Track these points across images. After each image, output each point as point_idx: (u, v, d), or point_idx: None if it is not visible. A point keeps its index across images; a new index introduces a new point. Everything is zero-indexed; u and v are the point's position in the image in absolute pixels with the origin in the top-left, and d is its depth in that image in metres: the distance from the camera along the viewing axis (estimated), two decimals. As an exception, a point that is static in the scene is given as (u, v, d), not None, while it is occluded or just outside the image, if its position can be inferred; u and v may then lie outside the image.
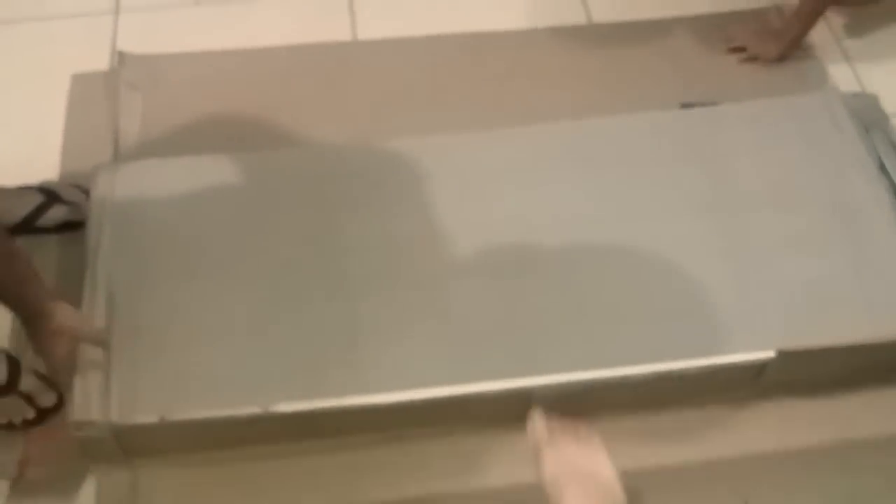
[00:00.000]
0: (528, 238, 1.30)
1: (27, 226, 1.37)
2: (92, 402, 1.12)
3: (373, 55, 1.66)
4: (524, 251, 1.29)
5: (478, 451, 1.21)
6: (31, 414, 1.20)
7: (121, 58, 1.63)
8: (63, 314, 1.12)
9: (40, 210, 1.38)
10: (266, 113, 1.55)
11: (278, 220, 1.31)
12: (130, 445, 1.16)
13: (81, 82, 1.61)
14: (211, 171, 1.37)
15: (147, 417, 1.13)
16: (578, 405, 1.20)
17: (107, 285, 1.23)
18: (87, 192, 1.37)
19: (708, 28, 1.70)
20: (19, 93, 1.59)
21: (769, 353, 1.18)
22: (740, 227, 1.31)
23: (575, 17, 1.74)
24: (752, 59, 1.64)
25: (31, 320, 1.11)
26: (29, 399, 1.19)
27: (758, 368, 1.20)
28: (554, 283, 1.26)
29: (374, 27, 1.71)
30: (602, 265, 1.27)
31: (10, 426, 1.20)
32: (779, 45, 1.62)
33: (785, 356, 1.18)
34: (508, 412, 1.20)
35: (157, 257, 1.27)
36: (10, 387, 1.18)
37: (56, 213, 1.39)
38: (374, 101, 1.58)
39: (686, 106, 1.53)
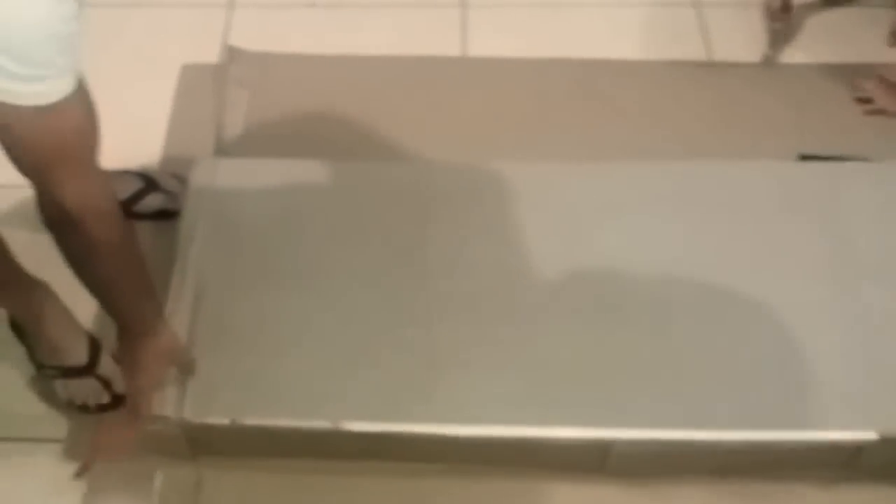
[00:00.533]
0: (623, 279, 1.24)
1: (124, 210, 1.37)
2: (167, 397, 1.12)
3: (481, 73, 1.63)
4: (618, 292, 1.23)
5: (544, 498, 1.16)
6: (106, 398, 1.21)
7: (231, 53, 1.65)
8: (168, 338, 1.08)
9: (138, 196, 1.40)
10: (368, 121, 1.54)
11: (370, 233, 1.30)
12: (199, 444, 1.16)
13: (190, 73, 1.63)
14: (308, 177, 1.36)
15: (219, 419, 1.12)
16: (659, 463, 1.15)
17: (195, 280, 1.23)
18: (184, 182, 1.38)
19: (832, 77, 1.61)
20: (129, 76, 1.61)
21: (870, 435, 1.10)
22: (853, 296, 1.22)
23: (695, 52, 1.68)
24: (879, 112, 1.56)
25: (130, 332, 1.05)
26: (106, 383, 1.20)
27: (855, 450, 1.12)
28: (646, 330, 1.20)
29: (485, 45, 1.69)
30: (700, 317, 1.21)
31: (84, 408, 1.21)
32: (907, 101, 1.53)
33: (888, 441, 1.10)
34: (582, 463, 1.15)
35: (247, 258, 1.27)
36: (90, 368, 1.19)
37: (153, 201, 1.40)
38: (479, 120, 1.55)
39: (805, 157, 1.46)
